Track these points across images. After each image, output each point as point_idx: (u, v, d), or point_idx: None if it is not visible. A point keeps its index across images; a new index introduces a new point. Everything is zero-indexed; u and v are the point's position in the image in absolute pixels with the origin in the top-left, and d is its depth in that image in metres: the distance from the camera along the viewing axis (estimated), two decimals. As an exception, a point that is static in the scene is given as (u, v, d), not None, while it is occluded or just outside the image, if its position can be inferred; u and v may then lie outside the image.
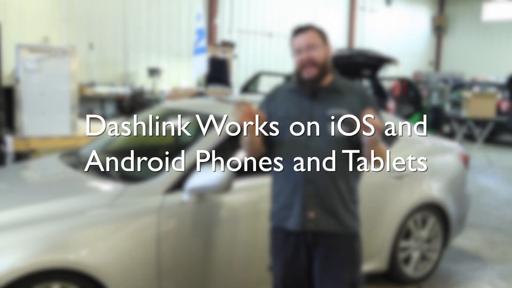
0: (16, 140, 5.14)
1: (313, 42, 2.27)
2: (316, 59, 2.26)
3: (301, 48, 2.27)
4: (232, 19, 14.10)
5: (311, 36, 2.28)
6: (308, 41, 2.26)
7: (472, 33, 21.32)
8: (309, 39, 2.27)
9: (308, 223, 2.25)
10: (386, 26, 19.43)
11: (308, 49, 2.26)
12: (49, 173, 3.38)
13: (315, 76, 2.27)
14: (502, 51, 20.42)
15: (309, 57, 2.25)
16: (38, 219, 2.45)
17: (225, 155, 3.22)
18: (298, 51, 2.28)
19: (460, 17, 21.68)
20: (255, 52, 14.75)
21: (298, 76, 2.32)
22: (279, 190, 2.35)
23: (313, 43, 2.26)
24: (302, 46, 2.26)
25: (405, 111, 9.44)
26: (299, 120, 2.29)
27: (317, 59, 2.26)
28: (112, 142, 3.75)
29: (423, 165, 3.77)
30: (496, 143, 12.54)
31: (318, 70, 2.27)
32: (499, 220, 5.77)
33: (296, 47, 2.29)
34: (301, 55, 2.27)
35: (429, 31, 21.80)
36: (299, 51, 2.28)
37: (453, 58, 21.91)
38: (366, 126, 2.06)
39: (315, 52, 2.26)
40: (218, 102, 3.97)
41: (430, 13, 21.72)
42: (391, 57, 8.82)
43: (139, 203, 2.66)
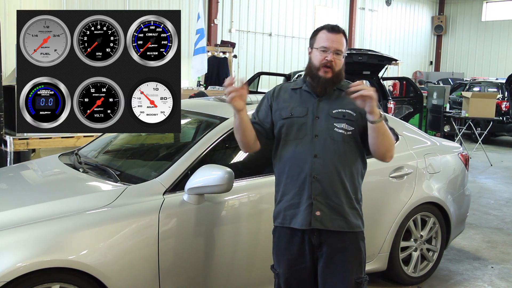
0: (16, 140, 5.14)
1: (341, 48, 2.27)
2: (337, 66, 2.26)
3: (330, 48, 2.24)
4: (232, 19, 14.10)
5: (341, 41, 2.27)
6: (338, 44, 2.25)
7: (472, 33, 21.34)
8: (339, 43, 2.26)
9: (314, 221, 2.25)
10: (386, 26, 19.43)
11: (334, 53, 2.25)
12: (49, 173, 3.38)
13: (330, 79, 2.26)
14: (502, 51, 20.43)
15: (333, 61, 2.24)
16: (38, 219, 2.44)
17: (225, 155, 3.22)
18: (325, 49, 2.25)
19: (460, 17, 21.70)
20: (255, 52, 14.76)
21: (312, 72, 2.30)
22: (284, 190, 2.35)
23: (341, 49, 2.26)
24: (332, 47, 2.24)
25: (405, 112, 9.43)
26: (304, 119, 2.29)
27: (337, 66, 2.26)
28: (112, 142, 3.75)
29: (423, 165, 3.77)
30: (496, 143, 12.54)
31: (333, 76, 2.27)
32: (499, 220, 5.77)
33: (324, 45, 2.26)
34: (327, 55, 2.24)
35: (429, 31, 21.80)
36: (326, 50, 2.25)
37: (453, 58, 21.92)
38: (357, 95, 2.06)
39: (339, 59, 2.26)
40: (218, 102, 3.97)
41: (430, 13, 21.73)
42: (391, 57, 8.83)
43: (139, 203, 2.66)
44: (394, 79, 12.76)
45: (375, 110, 2.13)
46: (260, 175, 3.04)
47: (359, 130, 2.30)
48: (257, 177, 3.03)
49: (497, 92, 12.17)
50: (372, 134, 2.22)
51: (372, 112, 2.13)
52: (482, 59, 21.02)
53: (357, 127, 2.29)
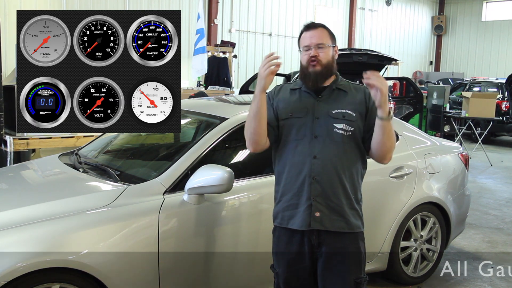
0: (16, 140, 5.14)
1: (323, 42, 2.27)
2: (323, 58, 2.26)
3: (311, 45, 2.26)
4: (232, 19, 14.10)
5: (320, 35, 2.28)
6: (317, 39, 2.27)
7: (472, 33, 21.34)
8: (318, 37, 2.27)
9: (313, 222, 2.25)
10: (386, 26, 19.44)
11: (317, 48, 2.26)
12: (49, 173, 3.38)
13: (319, 71, 2.27)
14: (502, 51, 20.44)
15: (317, 55, 2.25)
16: (38, 219, 2.44)
17: (225, 155, 3.22)
18: (307, 47, 2.28)
19: (460, 17, 21.70)
20: (255, 52, 14.76)
21: (303, 71, 2.31)
22: (283, 190, 2.34)
23: (322, 42, 2.27)
24: (312, 43, 2.26)
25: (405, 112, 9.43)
26: (304, 120, 2.29)
27: (324, 58, 2.27)
28: (112, 142, 3.75)
29: (423, 165, 3.77)
30: (496, 143, 12.54)
31: (322, 68, 2.27)
32: (499, 220, 5.77)
33: (305, 44, 2.29)
34: (310, 51, 2.26)
35: (429, 31, 21.80)
36: (308, 48, 2.27)
37: (453, 58, 21.92)
38: (370, 84, 2.10)
39: (323, 52, 2.27)
40: (218, 102, 3.97)
41: (430, 13, 21.73)
42: (391, 57, 8.83)
43: (139, 203, 2.66)
44: (394, 79, 12.76)
45: (384, 106, 2.14)
46: (260, 175, 3.03)
47: (359, 130, 2.30)
48: (257, 177, 3.03)
49: (497, 92, 12.18)
50: (378, 131, 2.22)
51: (380, 107, 2.15)
52: (482, 59, 21.02)
53: (357, 127, 2.29)
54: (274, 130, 2.35)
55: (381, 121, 2.18)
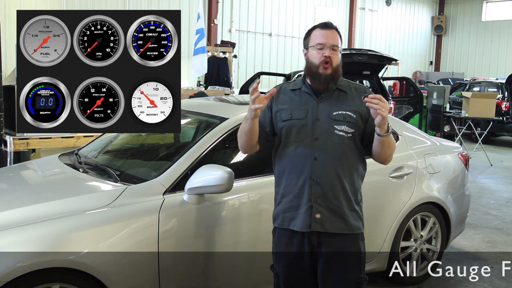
0: (16, 140, 5.14)
1: (337, 44, 2.27)
2: (335, 61, 2.26)
3: (326, 44, 2.24)
4: (232, 19, 14.10)
5: (336, 36, 2.28)
6: (333, 40, 2.26)
7: (472, 33, 21.34)
8: (334, 38, 2.26)
9: (314, 224, 2.25)
10: (386, 26, 19.44)
11: (331, 48, 2.25)
12: (49, 173, 3.38)
13: (330, 74, 2.26)
14: (502, 51, 20.43)
15: (331, 56, 2.24)
16: (38, 219, 2.44)
17: (225, 155, 3.22)
18: (321, 46, 2.25)
19: (460, 17, 21.70)
20: (255, 52, 14.76)
21: (312, 70, 2.29)
22: (284, 192, 2.34)
23: (336, 44, 2.27)
24: (328, 43, 2.24)
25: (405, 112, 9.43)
26: (304, 122, 2.28)
27: (335, 62, 2.26)
28: (112, 142, 3.75)
29: (423, 165, 3.77)
30: (496, 143, 12.54)
31: (332, 71, 2.26)
32: (499, 220, 5.76)
33: (319, 42, 2.25)
34: (324, 51, 2.24)
35: (429, 31, 21.80)
36: (323, 46, 2.25)
37: (453, 58, 21.92)
38: (372, 105, 2.08)
39: (335, 55, 2.26)
40: (218, 102, 3.97)
41: (430, 13, 21.73)
42: (391, 57, 8.83)
43: (139, 203, 2.66)
44: (394, 79, 12.76)
45: (383, 126, 2.15)
46: (260, 175, 3.03)
47: (359, 131, 2.30)
48: (257, 177, 3.03)
49: (497, 92, 12.17)
50: (377, 143, 2.24)
51: (379, 126, 2.15)
52: (482, 59, 21.02)
53: (357, 129, 2.29)
54: (265, 134, 2.36)
55: (380, 137, 2.19)
